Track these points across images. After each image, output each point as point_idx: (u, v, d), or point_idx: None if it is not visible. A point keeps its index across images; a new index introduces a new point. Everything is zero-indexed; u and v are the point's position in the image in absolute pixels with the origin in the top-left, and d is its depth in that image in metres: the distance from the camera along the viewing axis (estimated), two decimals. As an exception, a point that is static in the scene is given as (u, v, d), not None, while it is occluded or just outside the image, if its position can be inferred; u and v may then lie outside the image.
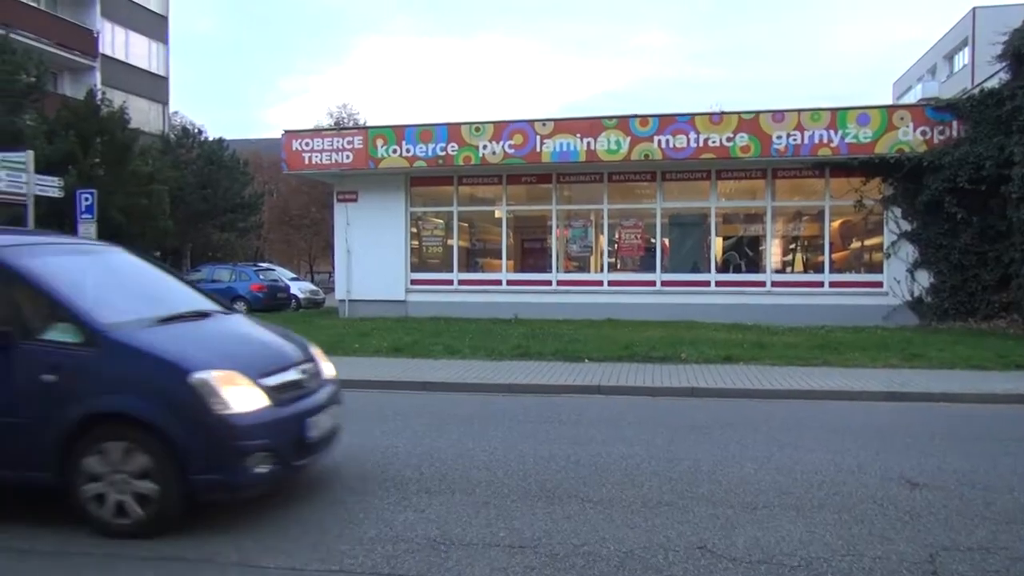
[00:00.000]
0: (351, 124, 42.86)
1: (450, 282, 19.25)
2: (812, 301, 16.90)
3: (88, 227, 16.63)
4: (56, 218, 20.59)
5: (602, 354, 11.51)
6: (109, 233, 21.12)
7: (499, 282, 19.07)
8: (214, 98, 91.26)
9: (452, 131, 18.10)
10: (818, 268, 17.70)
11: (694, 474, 5.48)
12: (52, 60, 30.12)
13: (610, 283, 18.43)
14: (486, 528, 4.36)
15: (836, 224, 17.92)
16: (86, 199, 16.74)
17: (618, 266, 18.89)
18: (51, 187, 15.18)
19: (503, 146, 17.81)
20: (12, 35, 25.02)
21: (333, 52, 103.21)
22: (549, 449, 6.20)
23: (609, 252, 18.79)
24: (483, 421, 7.48)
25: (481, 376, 9.96)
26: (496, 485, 5.18)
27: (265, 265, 29.38)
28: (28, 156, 14.46)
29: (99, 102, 27.06)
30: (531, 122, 17.78)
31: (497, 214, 19.64)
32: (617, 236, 18.75)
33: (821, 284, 17.33)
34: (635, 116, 17.26)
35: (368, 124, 28.18)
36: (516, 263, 19.70)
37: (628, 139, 17.14)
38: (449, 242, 19.72)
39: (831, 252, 17.52)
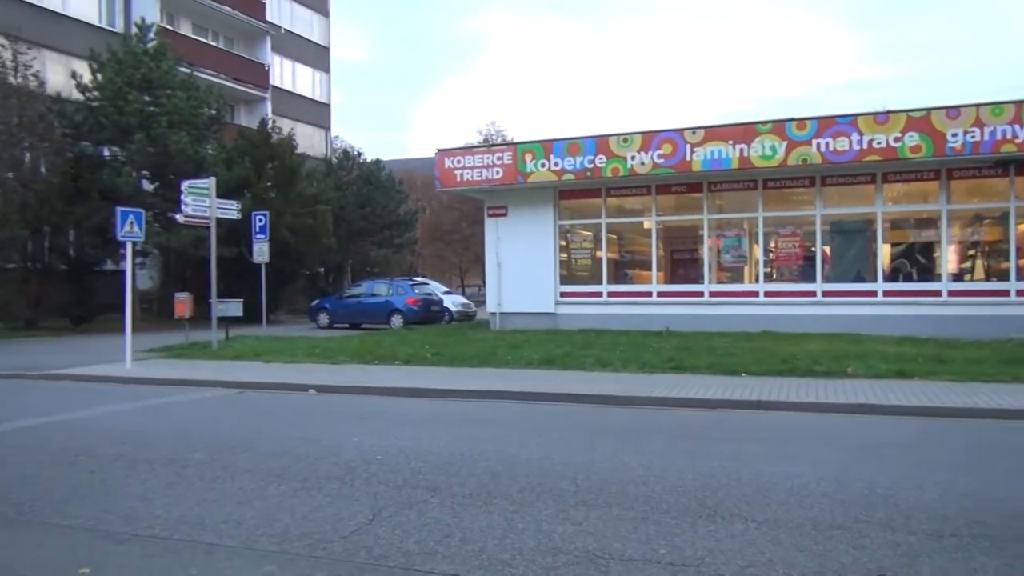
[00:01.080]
0: (499, 140, 43.82)
1: (599, 294, 19.19)
2: (996, 312, 15.50)
3: (262, 246, 17.92)
4: (233, 238, 22.38)
5: (760, 368, 11.06)
6: (279, 251, 22.71)
7: (649, 294, 18.82)
8: (369, 121, 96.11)
9: (600, 143, 18.08)
10: (1003, 276, 16.18)
11: (868, 497, 5.11)
12: (230, 94, 32.92)
13: (766, 294, 17.71)
14: (646, 544, 4.27)
15: (1024, 227, 16.37)
16: (260, 220, 18.09)
17: (774, 276, 18.13)
18: (231, 210, 16.48)
19: (652, 156, 17.58)
20: (196, 73, 27.51)
21: (479, 69, 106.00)
22: (708, 465, 6.00)
23: (765, 262, 18.08)
24: (638, 435, 7.35)
25: (633, 389, 9.83)
26: (654, 500, 5.06)
27: (420, 279, 30.47)
28: (211, 182, 15.77)
29: (270, 130, 29.20)
30: (680, 131, 17.45)
31: (646, 225, 19.41)
32: (773, 245, 18.01)
33: (1007, 293, 15.84)
34: (791, 119, 16.56)
35: (516, 140, 28.64)
36: (666, 274, 19.36)
37: (784, 144, 16.46)
38: (598, 254, 19.67)
39: (1018, 258, 15.97)
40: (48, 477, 5.81)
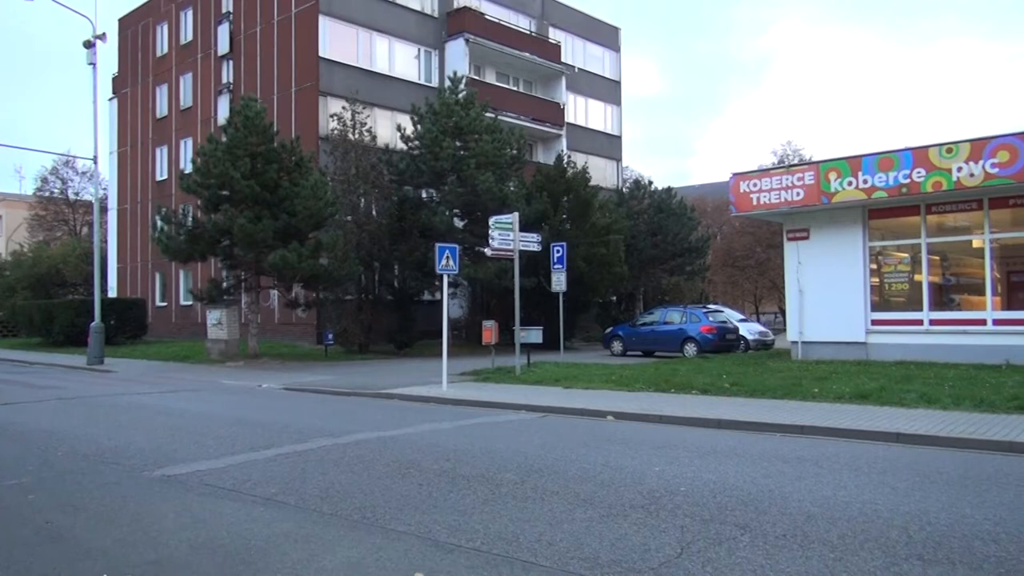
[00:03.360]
0: (796, 160, 41.62)
1: (919, 322, 17.24)
2: None
3: (560, 276, 18.71)
4: (532, 268, 23.65)
5: None
6: (573, 280, 23.55)
7: (982, 322, 16.52)
8: (654, 150, 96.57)
9: (918, 155, 16.34)
10: None
11: None
12: (529, 133, 35.11)
13: None
14: (1003, 613, 3.68)
15: None
16: (558, 251, 18.92)
17: None
18: (532, 243, 17.44)
19: (983, 166, 15.50)
20: (499, 117, 29.74)
21: (767, 90, 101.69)
22: (1078, 526, 5.05)
23: None
24: (978, 483, 6.42)
25: (968, 430, 8.63)
26: (1010, 562, 4.36)
27: (713, 306, 29.70)
28: (514, 217, 16.83)
29: (565, 165, 30.55)
30: (1020, 135, 15.20)
31: (976, 244, 17.11)
32: None
33: None
34: None
35: (817, 158, 26.94)
36: (1003, 299, 16.88)
37: None
38: (916, 278, 17.71)
39: None
40: (384, 486, 6.51)
